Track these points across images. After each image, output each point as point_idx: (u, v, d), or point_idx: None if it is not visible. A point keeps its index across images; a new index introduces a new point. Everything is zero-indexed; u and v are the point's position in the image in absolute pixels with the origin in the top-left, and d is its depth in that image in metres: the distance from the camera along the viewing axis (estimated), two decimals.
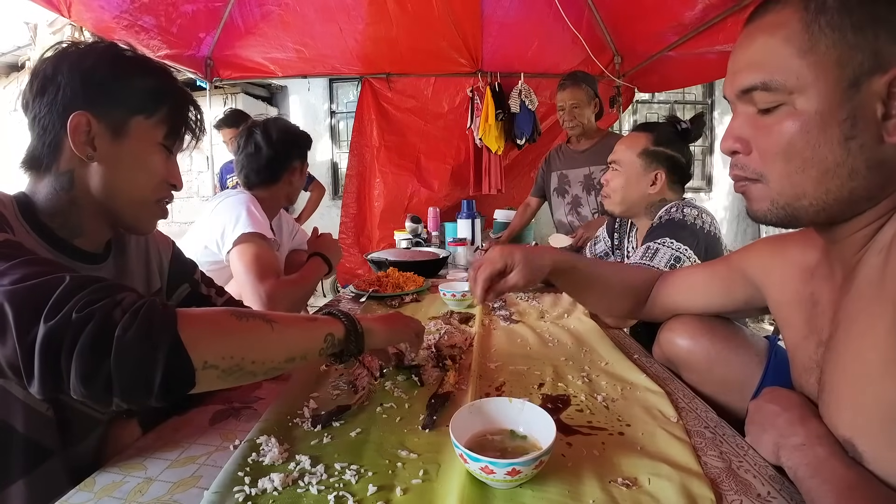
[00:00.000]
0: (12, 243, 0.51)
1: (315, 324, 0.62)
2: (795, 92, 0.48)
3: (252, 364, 0.52)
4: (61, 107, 0.61)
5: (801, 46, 0.48)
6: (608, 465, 0.55)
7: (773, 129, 0.51)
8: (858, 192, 0.49)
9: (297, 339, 0.58)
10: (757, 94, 0.51)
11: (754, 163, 0.54)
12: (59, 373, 0.42)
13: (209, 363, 0.47)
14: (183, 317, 0.47)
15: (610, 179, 1.29)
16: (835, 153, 0.48)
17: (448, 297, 1.26)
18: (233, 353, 0.50)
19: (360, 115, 3.16)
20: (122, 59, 0.66)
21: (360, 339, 0.65)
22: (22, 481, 0.58)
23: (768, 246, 0.74)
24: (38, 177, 0.64)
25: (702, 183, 5.19)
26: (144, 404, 0.46)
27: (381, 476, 0.53)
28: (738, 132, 0.54)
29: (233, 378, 0.51)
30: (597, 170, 2.15)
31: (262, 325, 0.54)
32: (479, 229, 2.19)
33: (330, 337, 0.61)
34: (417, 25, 2.67)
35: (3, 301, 0.43)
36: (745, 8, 1.75)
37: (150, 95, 0.67)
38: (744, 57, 0.53)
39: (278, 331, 0.55)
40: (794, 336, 0.63)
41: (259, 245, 1.19)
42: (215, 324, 0.51)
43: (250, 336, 0.53)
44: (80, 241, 0.67)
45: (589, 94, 2.11)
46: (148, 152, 0.68)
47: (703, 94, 5.17)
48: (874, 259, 0.50)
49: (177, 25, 2.34)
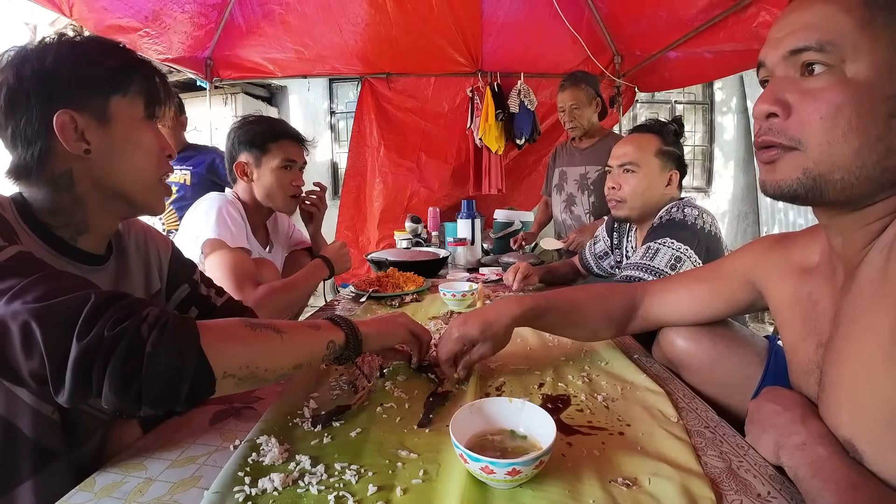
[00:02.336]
0: (25, 256, 0.52)
1: (319, 332, 0.64)
2: (848, 60, 0.47)
3: (265, 371, 0.56)
4: (39, 114, 0.60)
5: (860, 18, 0.47)
6: (608, 465, 0.55)
7: (821, 94, 0.49)
8: (888, 174, 0.48)
9: (303, 346, 0.62)
10: (808, 54, 0.49)
11: (793, 128, 0.51)
12: (90, 385, 0.45)
13: (228, 373, 0.51)
14: (203, 329, 0.51)
15: (623, 183, 1.24)
16: (878, 127, 0.47)
17: (448, 297, 1.26)
18: (248, 363, 0.54)
19: (360, 115, 3.16)
20: (80, 46, 0.65)
21: (359, 345, 0.68)
22: (28, 483, 0.59)
23: (767, 246, 0.74)
24: (29, 183, 0.64)
25: (702, 183, 5.19)
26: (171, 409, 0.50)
27: (381, 476, 0.53)
28: (779, 94, 0.52)
29: (247, 384, 0.55)
30: (592, 169, 2.14)
31: (273, 334, 0.58)
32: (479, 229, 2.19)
33: (332, 344, 0.64)
34: (417, 25, 2.67)
35: (30, 319, 0.45)
36: (744, 8, 1.75)
37: (118, 73, 0.66)
38: (798, 20, 0.51)
39: (287, 340, 0.59)
40: (794, 337, 0.63)
41: (228, 252, 1.16)
42: (232, 336, 0.54)
43: (263, 345, 0.56)
44: (84, 240, 0.67)
45: (589, 94, 2.10)
46: (135, 129, 0.68)
47: (703, 94, 5.17)
48: (876, 258, 0.50)
49: (178, 25, 2.34)
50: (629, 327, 0.89)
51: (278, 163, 1.32)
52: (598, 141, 2.17)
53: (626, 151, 1.25)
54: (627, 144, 1.26)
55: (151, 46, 2.31)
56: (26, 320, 0.45)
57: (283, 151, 1.33)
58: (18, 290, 0.47)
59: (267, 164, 1.32)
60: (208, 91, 2.84)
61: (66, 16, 1.88)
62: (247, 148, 1.32)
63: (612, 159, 1.28)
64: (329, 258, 1.40)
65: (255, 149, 1.32)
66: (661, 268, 1.09)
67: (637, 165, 1.23)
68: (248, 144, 1.32)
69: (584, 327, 0.88)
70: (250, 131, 1.34)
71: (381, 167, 3.18)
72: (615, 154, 1.28)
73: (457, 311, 1.23)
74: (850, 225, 0.53)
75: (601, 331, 0.89)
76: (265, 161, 1.32)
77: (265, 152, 1.32)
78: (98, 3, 1.96)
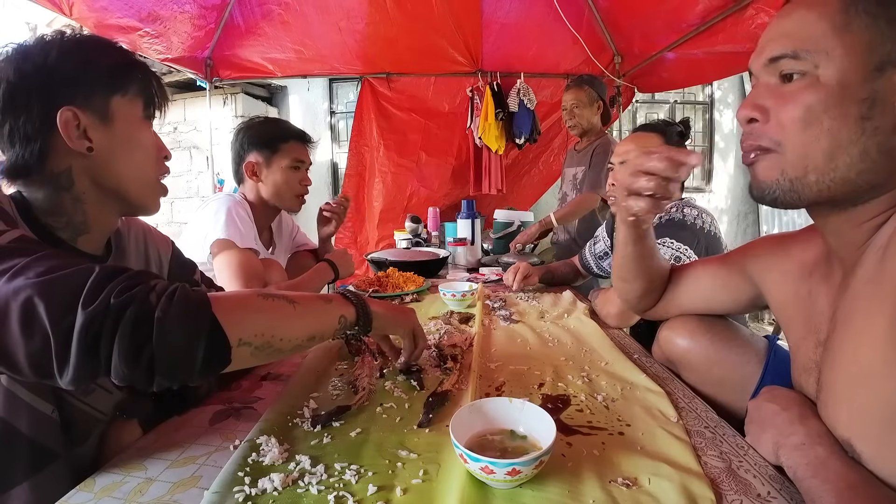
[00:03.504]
0: (28, 239, 0.52)
1: (330, 305, 0.64)
2: (822, 65, 0.49)
3: (280, 341, 0.54)
4: (40, 111, 0.60)
5: (835, 23, 0.49)
6: (608, 465, 0.55)
7: (794, 97, 0.51)
8: (864, 175, 0.50)
9: (316, 318, 0.61)
10: (784, 61, 0.52)
11: (771, 131, 0.53)
12: (98, 358, 0.43)
13: (244, 340, 0.50)
14: (214, 299, 0.50)
15: None
16: (850, 129, 0.49)
17: (448, 297, 1.26)
18: (263, 331, 0.52)
19: (360, 115, 3.15)
20: (82, 44, 0.65)
21: (368, 322, 0.68)
22: (26, 484, 0.58)
23: (768, 244, 0.74)
24: (28, 182, 0.63)
25: (702, 182, 5.19)
26: (186, 382, 0.48)
27: (381, 476, 0.53)
28: (759, 100, 0.55)
29: (264, 354, 0.53)
30: (581, 171, 2.21)
31: (286, 304, 0.57)
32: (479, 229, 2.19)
33: (343, 318, 0.64)
34: (417, 25, 2.66)
35: (33, 294, 0.43)
36: (744, 8, 1.75)
37: (119, 73, 0.66)
38: (780, 27, 0.54)
39: (300, 311, 0.58)
40: (794, 336, 0.63)
41: (237, 252, 1.17)
42: (245, 304, 0.53)
43: (277, 314, 0.56)
44: (83, 240, 0.67)
45: (591, 95, 2.16)
46: (135, 129, 0.68)
47: (703, 94, 5.17)
48: (872, 257, 0.50)
49: (178, 25, 2.34)
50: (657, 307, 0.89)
51: (288, 163, 1.34)
52: (592, 142, 2.21)
53: (627, 150, 1.25)
54: (629, 143, 1.27)
55: (151, 46, 2.30)
56: (29, 296, 0.43)
57: (292, 152, 1.35)
58: (21, 267, 0.45)
59: (277, 164, 1.34)
60: (208, 91, 2.84)
61: (66, 15, 1.88)
62: (257, 148, 1.34)
63: (613, 157, 1.30)
64: (335, 262, 1.42)
65: (265, 149, 1.34)
66: None
67: None
68: (259, 144, 1.34)
69: (648, 278, 0.84)
70: (261, 131, 1.35)
71: (380, 167, 3.18)
72: (618, 152, 1.29)
73: (456, 311, 1.23)
74: (843, 225, 0.54)
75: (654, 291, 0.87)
76: (275, 161, 1.34)
77: (275, 152, 1.34)
78: (98, 3, 1.96)
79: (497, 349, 0.95)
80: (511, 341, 1.00)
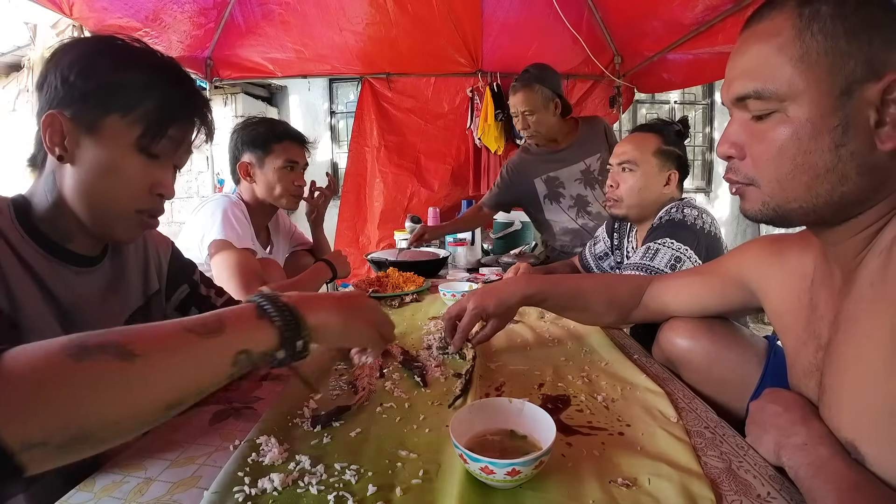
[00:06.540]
0: None
1: (218, 339, 0.43)
2: (787, 100, 0.49)
3: (102, 430, 0.36)
4: (46, 105, 0.61)
5: (793, 55, 0.48)
6: (608, 466, 0.55)
7: (765, 136, 0.52)
8: (849, 196, 0.50)
9: (180, 372, 0.41)
10: (751, 102, 0.52)
11: (747, 168, 0.55)
12: None
13: (32, 442, 0.33)
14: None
15: (621, 182, 1.26)
16: (825, 159, 0.49)
17: (448, 297, 1.26)
18: (67, 419, 0.34)
19: (360, 115, 3.15)
20: (106, 52, 0.63)
21: (303, 343, 0.50)
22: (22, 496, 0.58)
23: (764, 250, 0.74)
24: (35, 176, 0.65)
25: (702, 183, 5.19)
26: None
27: (381, 476, 0.53)
28: (734, 137, 0.56)
29: (79, 451, 0.36)
30: (593, 160, 1.95)
31: (114, 362, 0.37)
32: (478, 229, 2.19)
33: (244, 356, 0.44)
34: (417, 25, 2.67)
35: None
36: (744, 9, 1.75)
37: (130, 92, 0.62)
38: (739, 64, 0.54)
39: (144, 366, 0.38)
40: (794, 342, 0.63)
41: (235, 252, 1.18)
42: (38, 380, 0.34)
43: (95, 384, 0.36)
44: (74, 245, 0.67)
45: (544, 95, 1.84)
46: (120, 155, 0.62)
47: (703, 95, 5.18)
48: (874, 261, 0.50)
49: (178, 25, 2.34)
50: (632, 315, 0.92)
51: (281, 163, 1.34)
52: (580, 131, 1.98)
53: (626, 150, 1.26)
54: (627, 143, 1.28)
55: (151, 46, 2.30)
56: None
57: (285, 152, 1.35)
58: None
59: (269, 165, 1.34)
60: (208, 91, 2.83)
61: (67, 15, 1.88)
62: (250, 148, 1.34)
63: (612, 157, 1.30)
64: (332, 262, 1.43)
65: (257, 149, 1.34)
66: (660, 268, 1.09)
67: (635, 164, 1.24)
68: (251, 145, 1.34)
69: (588, 311, 0.92)
70: (253, 132, 1.35)
71: (381, 167, 3.18)
72: (616, 152, 1.29)
73: None
74: (841, 235, 0.54)
75: (604, 315, 0.93)
76: (268, 161, 1.34)
77: (268, 153, 1.34)
78: (98, 3, 1.96)
79: (497, 349, 0.95)
80: (511, 341, 0.99)
